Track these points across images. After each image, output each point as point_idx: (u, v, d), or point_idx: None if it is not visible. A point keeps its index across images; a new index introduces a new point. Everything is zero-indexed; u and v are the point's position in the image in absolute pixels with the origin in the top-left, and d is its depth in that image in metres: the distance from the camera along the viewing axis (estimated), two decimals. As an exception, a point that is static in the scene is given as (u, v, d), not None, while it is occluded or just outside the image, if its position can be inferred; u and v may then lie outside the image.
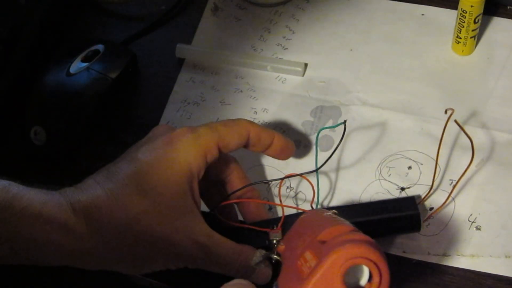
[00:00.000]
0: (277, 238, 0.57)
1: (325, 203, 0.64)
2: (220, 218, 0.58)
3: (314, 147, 0.67)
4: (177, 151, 0.53)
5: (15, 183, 0.51)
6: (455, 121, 0.59)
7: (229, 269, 0.54)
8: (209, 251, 0.52)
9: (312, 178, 0.60)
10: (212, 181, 0.59)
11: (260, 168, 0.66)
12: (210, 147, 0.54)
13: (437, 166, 0.62)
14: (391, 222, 0.59)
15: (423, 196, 0.62)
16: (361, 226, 0.59)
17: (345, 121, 0.60)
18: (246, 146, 0.58)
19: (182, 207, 0.52)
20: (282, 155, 0.60)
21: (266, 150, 0.59)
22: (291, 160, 0.66)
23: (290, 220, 0.59)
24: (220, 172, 0.59)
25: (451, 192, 0.61)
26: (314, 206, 0.60)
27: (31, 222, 0.49)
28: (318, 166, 0.60)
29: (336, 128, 0.68)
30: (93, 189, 0.51)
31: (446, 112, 0.58)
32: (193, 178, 0.53)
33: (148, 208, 0.51)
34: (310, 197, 0.60)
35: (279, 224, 0.58)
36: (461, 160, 0.64)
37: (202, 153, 0.54)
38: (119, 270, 0.53)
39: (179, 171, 0.52)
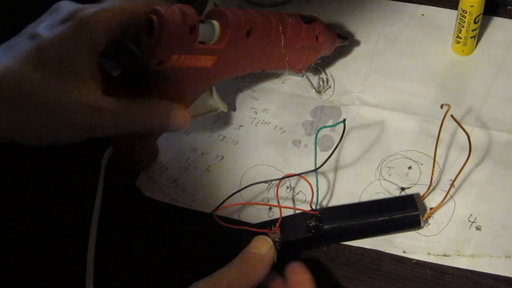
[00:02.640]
0: (276, 239, 0.57)
1: (325, 203, 0.64)
2: (218, 221, 0.58)
3: (313, 146, 0.67)
4: (77, 27, 0.52)
5: None
6: (452, 116, 0.59)
7: (138, 123, 0.55)
8: (110, 112, 0.53)
9: (312, 178, 0.60)
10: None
11: (260, 168, 0.66)
12: (112, 22, 0.54)
13: (436, 164, 0.62)
14: (391, 221, 0.59)
15: (422, 194, 0.62)
16: (362, 226, 0.59)
17: (344, 120, 0.60)
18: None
19: (80, 80, 0.52)
20: None
21: None
22: (291, 159, 0.66)
23: (288, 220, 0.59)
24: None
25: (450, 188, 0.61)
26: (313, 206, 0.60)
27: None
28: (318, 166, 0.60)
29: (336, 128, 0.68)
30: None
31: (442, 107, 0.58)
32: (92, 53, 0.53)
33: (45, 82, 0.51)
34: (310, 197, 0.60)
35: (277, 225, 0.58)
36: (460, 159, 0.64)
37: (103, 29, 0.53)
38: (23, 142, 0.53)
39: (79, 48, 0.52)
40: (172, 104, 0.58)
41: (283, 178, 0.62)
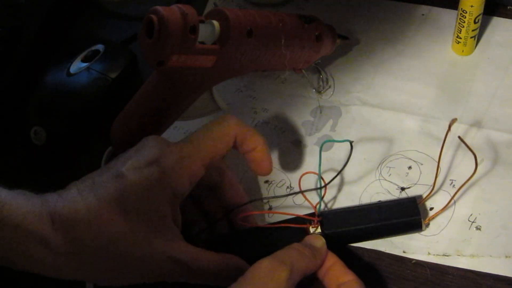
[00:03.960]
0: (317, 232, 0.58)
1: (325, 203, 0.64)
2: (242, 223, 0.58)
3: (313, 146, 0.67)
4: (162, 174, 0.52)
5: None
6: (459, 137, 0.60)
7: (212, 279, 0.55)
8: (188, 267, 0.53)
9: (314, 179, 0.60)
10: (203, 186, 0.58)
11: (260, 168, 0.66)
12: (195, 169, 0.54)
13: (439, 168, 0.62)
14: (393, 225, 0.59)
15: (424, 197, 0.62)
16: (363, 231, 0.59)
17: (351, 142, 0.60)
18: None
19: (162, 229, 0.52)
20: (258, 168, 0.59)
21: (245, 154, 0.58)
22: (291, 159, 0.66)
23: (329, 216, 0.59)
24: (210, 178, 0.59)
25: (454, 195, 0.61)
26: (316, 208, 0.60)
27: (9, 234, 0.49)
28: (323, 183, 0.61)
29: (336, 129, 0.68)
30: (75, 202, 0.51)
31: (450, 127, 0.59)
32: (175, 200, 0.53)
33: (128, 229, 0.51)
34: (310, 197, 0.60)
35: (315, 220, 0.58)
36: (462, 160, 0.64)
37: (187, 177, 0.54)
38: (95, 283, 0.54)
39: (162, 195, 0.52)
40: (243, 265, 0.56)
41: (288, 195, 0.63)
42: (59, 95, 0.69)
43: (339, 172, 0.61)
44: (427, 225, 0.61)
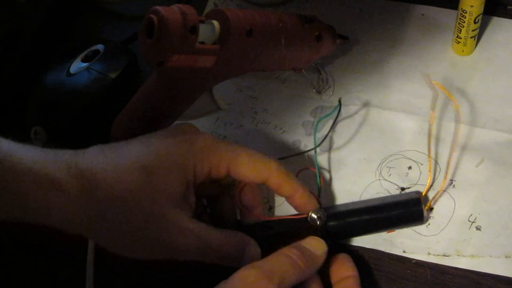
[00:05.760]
0: (319, 215, 0.58)
1: (325, 203, 0.64)
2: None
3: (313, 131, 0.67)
4: (189, 155, 0.53)
5: (8, 140, 0.50)
6: (434, 82, 0.61)
7: (219, 255, 0.54)
8: (198, 240, 0.53)
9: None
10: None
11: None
12: (219, 167, 0.54)
13: (437, 164, 0.62)
14: (395, 217, 0.59)
15: (423, 192, 0.62)
16: (365, 223, 0.59)
17: (339, 99, 0.61)
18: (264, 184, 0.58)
19: (178, 202, 0.52)
20: (300, 210, 0.59)
21: (286, 198, 0.59)
22: (292, 159, 0.66)
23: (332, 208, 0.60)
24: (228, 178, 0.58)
25: (447, 169, 0.61)
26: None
27: (19, 179, 0.49)
28: (317, 164, 0.61)
29: (336, 129, 0.68)
30: (95, 155, 0.51)
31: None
32: (189, 183, 0.53)
33: (148, 191, 0.51)
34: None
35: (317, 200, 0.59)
36: (462, 160, 0.64)
37: (208, 168, 0.54)
38: (102, 244, 0.53)
39: (184, 173, 0.53)
40: (248, 240, 0.56)
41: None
42: (59, 95, 0.70)
43: (330, 130, 0.63)
44: (427, 225, 0.61)
